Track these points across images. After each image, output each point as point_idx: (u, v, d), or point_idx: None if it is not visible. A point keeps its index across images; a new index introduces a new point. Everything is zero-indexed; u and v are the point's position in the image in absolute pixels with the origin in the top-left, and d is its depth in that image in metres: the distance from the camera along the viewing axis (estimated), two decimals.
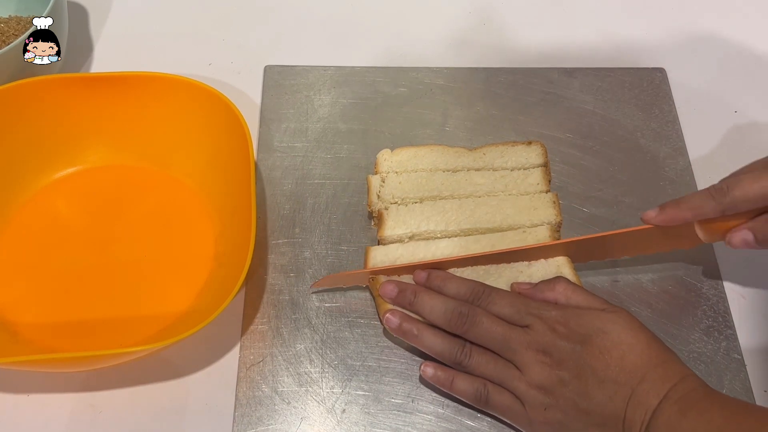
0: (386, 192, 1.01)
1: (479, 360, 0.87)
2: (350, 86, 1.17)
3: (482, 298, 0.90)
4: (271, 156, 1.09)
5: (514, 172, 1.03)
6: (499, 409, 0.86)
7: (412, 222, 0.98)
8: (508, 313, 0.88)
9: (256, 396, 0.90)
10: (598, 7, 1.31)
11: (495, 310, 0.89)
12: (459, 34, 1.27)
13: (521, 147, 1.05)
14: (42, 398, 0.91)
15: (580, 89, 1.18)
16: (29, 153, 1.04)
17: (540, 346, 0.85)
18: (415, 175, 1.02)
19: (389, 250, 0.97)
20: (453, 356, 0.88)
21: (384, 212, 0.99)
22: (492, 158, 1.04)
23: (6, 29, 1.12)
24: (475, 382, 0.87)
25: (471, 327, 0.88)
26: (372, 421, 0.89)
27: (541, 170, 1.03)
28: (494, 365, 0.87)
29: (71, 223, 1.03)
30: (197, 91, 1.03)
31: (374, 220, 1.02)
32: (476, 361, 0.87)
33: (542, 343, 0.85)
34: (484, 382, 0.87)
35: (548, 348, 0.84)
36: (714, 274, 1.01)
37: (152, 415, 0.90)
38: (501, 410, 0.86)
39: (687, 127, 1.15)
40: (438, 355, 0.90)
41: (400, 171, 1.03)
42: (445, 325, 0.89)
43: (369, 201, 1.01)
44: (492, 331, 0.87)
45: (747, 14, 1.30)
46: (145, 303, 0.97)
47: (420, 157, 1.04)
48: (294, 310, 0.96)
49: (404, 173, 1.03)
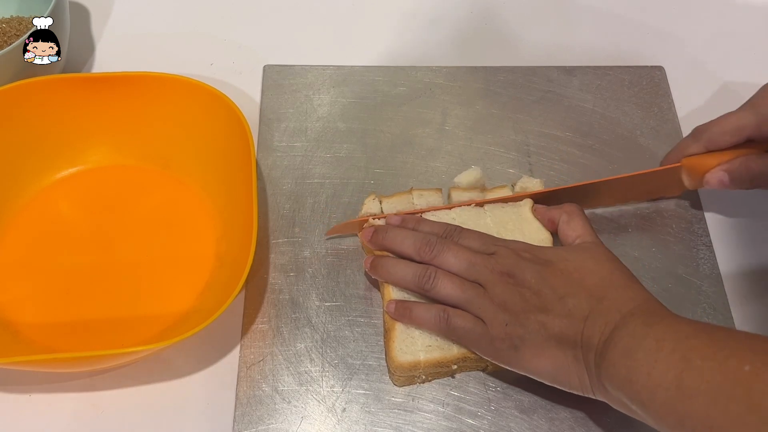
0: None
1: (444, 283, 0.88)
2: (349, 86, 1.17)
3: (453, 235, 0.93)
4: (271, 155, 1.09)
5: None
6: (460, 331, 0.87)
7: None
8: (476, 245, 0.91)
9: (256, 395, 0.90)
10: (597, 6, 1.31)
11: (464, 243, 0.91)
12: (458, 33, 1.27)
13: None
14: (43, 398, 0.91)
15: (580, 88, 1.18)
16: (30, 153, 1.04)
17: (504, 268, 0.86)
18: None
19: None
20: (418, 280, 0.89)
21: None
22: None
23: (7, 29, 1.12)
24: (434, 308, 0.89)
25: (438, 253, 0.90)
26: (372, 420, 0.89)
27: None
28: (460, 286, 0.88)
29: (72, 224, 1.03)
30: (199, 91, 1.03)
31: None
32: (442, 283, 0.88)
33: (506, 264, 0.87)
34: (443, 308, 0.88)
35: (512, 269, 0.86)
36: (714, 271, 1.01)
37: (153, 415, 0.90)
38: (462, 332, 0.87)
39: (686, 126, 1.15)
40: (404, 282, 0.91)
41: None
42: (414, 254, 0.91)
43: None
44: (459, 257, 0.89)
45: (746, 11, 1.31)
46: (146, 303, 0.97)
47: (404, 204, 1.03)
48: (294, 309, 0.96)
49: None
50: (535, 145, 1.12)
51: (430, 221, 0.96)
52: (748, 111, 0.98)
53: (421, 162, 1.09)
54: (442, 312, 0.88)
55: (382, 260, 0.93)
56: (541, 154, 1.11)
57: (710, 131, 0.99)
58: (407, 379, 0.91)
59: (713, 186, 0.98)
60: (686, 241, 1.04)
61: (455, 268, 0.89)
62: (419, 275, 0.89)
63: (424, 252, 0.90)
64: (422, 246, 0.91)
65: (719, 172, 0.97)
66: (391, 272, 0.92)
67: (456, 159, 1.10)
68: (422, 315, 0.89)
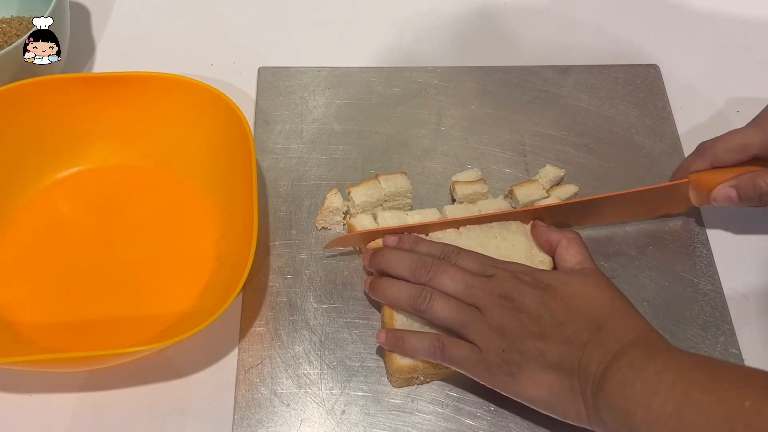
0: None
1: (440, 304, 0.87)
2: (345, 87, 1.18)
3: (451, 256, 0.92)
4: (267, 158, 1.10)
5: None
6: (456, 360, 0.86)
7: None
8: (474, 266, 0.90)
9: (255, 398, 0.90)
10: (591, 5, 1.31)
11: (462, 265, 0.90)
12: (453, 33, 1.27)
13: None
14: (44, 398, 0.91)
15: (575, 87, 1.19)
16: (31, 153, 1.04)
17: (503, 291, 0.86)
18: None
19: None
20: (413, 301, 0.88)
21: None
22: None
23: (8, 29, 1.12)
24: (428, 337, 0.87)
25: (435, 275, 0.89)
26: (372, 422, 0.89)
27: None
28: (457, 308, 0.87)
29: (73, 224, 1.04)
30: (199, 91, 1.03)
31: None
32: (437, 305, 0.87)
33: (505, 288, 0.86)
34: (438, 336, 0.87)
35: (510, 293, 0.85)
36: (711, 269, 1.02)
37: (154, 416, 0.90)
38: (459, 361, 0.86)
39: (681, 124, 1.15)
40: (400, 303, 0.90)
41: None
42: (410, 275, 0.90)
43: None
44: (455, 278, 0.88)
45: (741, 8, 1.31)
46: (146, 303, 0.97)
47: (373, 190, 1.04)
48: (292, 311, 0.97)
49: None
50: (530, 145, 1.12)
51: (428, 241, 0.95)
52: (754, 128, 0.97)
53: (417, 162, 1.10)
54: (437, 342, 0.87)
55: (379, 281, 0.92)
56: (537, 154, 1.11)
57: (715, 148, 0.98)
58: (405, 380, 0.91)
59: (720, 202, 0.96)
60: (683, 239, 1.04)
61: (452, 290, 0.88)
62: (414, 296, 0.88)
63: (419, 274, 0.90)
64: (418, 267, 0.90)
65: (727, 188, 0.96)
66: (387, 293, 0.91)
67: (452, 159, 1.11)
68: (416, 345, 0.88)
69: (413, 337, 0.88)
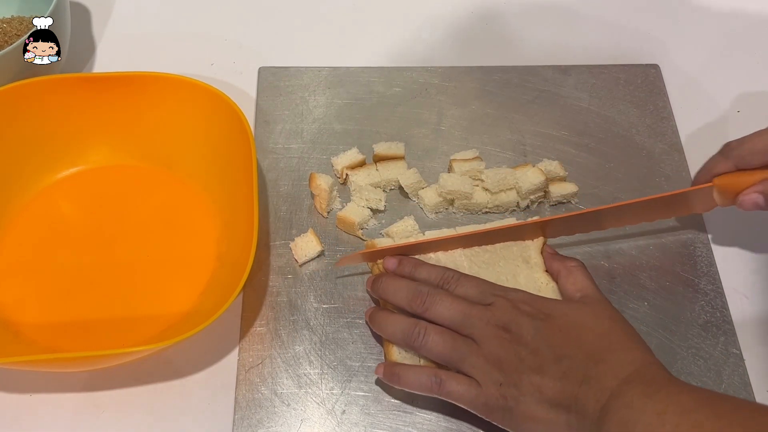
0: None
1: (435, 340, 0.86)
2: (345, 87, 1.18)
3: (450, 282, 0.91)
4: (267, 157, 1.10)
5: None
6: (454, 395, 0.85)
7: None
8: (473, 294, 0.89)
9: (255, 398, 0.90)
10: (592, 5, 1.31)
11: (460, 292, 0.89)
12: (454, 33, 1.27)
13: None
14: (44, 398, 0.91)
15: (575, 87, 1.19)
16: (31, 153, 1.04)
17: (500, 321, 0.85)
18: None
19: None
20: (408, 336, 0.88)
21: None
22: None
23: (8, 29, 1.12)
24: (425, 372, 0.87)
25: (430, 306, 0.88)
26: (372, 422, 0.89)
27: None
28: (452, 341, 0.86)
29: (73, 224, 1.04)
30: (199, 91, 1.03)
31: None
32: (432, 341, 0.86)
33: (503, 319, 0.85)
34: (435, 372, 0.86)
35: (508, 324, 0.84)
36: (711, 269, 1.02)
37: (154, 415, 0.90)
38: (457, 396, 0.85)
39: (682, 123, 1.15)
40: (395, 338, 0.90)
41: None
42: (407, 306, 0.90)
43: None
44: (452, 309, 0.87)
45: (741, 8, 1.31)
46: (147, 303, 0.97)
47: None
48: (292, 311, 0.97)
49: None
50: (530, 145, 1.12)
51: (428, 265, 0.94)
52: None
53: (418, 162, 1.09)
54: (434, 377, 0.86)
55: (377, 315, 0.92)
56: (537, 153, 1.11)
57: (740, 149, 0.95)
58: None
59: (747, 208, 0.93)
60: (683, 239, 1.04)
61: (448, 320, 0.87)
62: (407, 333, 0.88)
63: (415, 304, 0.89)
64: (414, 297, 0.89)
65: (753, 195, 0.93)
66: (383, 328, 0.91)
67: None
68: (413, 380, 0.87)
69: (410, 372, 0.88)
